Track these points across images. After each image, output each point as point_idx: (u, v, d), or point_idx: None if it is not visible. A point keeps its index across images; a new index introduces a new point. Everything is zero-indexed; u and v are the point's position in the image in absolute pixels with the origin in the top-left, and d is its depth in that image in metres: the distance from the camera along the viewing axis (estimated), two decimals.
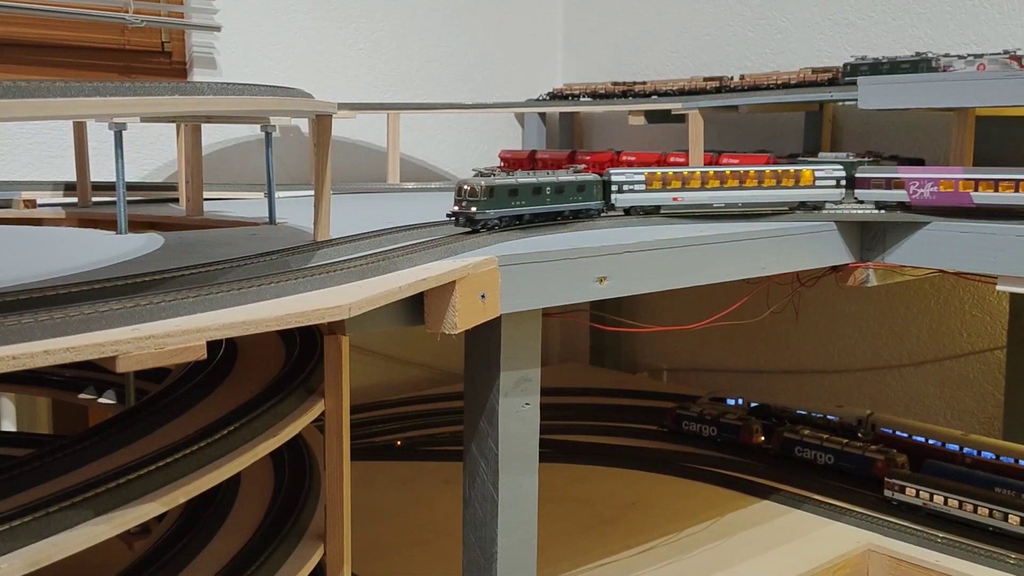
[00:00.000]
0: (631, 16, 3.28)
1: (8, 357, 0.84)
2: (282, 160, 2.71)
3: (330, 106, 1.61)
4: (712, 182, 1.89)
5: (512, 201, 1.63)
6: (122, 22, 2.49)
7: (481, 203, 1.58)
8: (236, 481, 1.56)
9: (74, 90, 0.89)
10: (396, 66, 3.08)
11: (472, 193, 1.58)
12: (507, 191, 1.62)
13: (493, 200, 1.59)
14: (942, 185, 1.86)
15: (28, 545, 0.94)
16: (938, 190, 1.86)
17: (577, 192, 1.77)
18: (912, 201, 1.89)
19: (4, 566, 0.89)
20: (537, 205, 1.69)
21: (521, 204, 1.65)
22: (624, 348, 3.44)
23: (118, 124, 1.61)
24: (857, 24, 2.71)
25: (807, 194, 1.94)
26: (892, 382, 2.76)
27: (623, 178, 1.87)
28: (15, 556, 0.92)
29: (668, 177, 1.88)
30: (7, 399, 2.41)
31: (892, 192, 1.91)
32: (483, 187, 1.59)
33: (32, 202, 2.13)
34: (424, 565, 1.92)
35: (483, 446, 1.52)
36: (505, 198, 1.62)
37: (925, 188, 1.87)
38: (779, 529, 2.09)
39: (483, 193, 1.58)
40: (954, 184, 1.85)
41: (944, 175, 1.88)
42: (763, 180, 1.91)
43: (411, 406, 2.88)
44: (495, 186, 1.61)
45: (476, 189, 1.58)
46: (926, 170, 1.94)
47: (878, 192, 1.94)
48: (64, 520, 0.97)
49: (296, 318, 1.07)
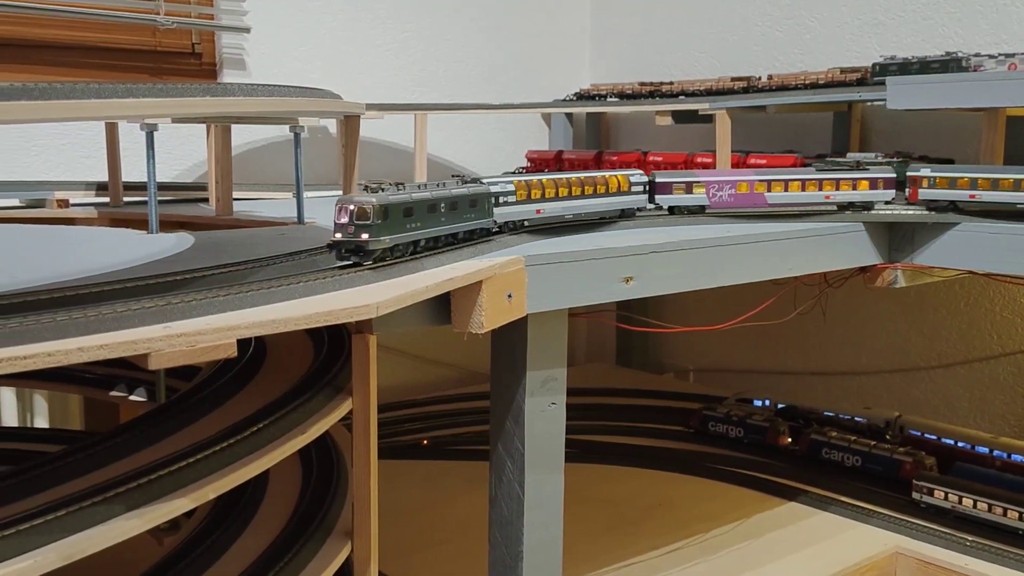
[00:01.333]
0: (659, 16, 3.28)
1: (43, 354, 0.85)
2: (310, 160, 2.72)
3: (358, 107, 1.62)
4: (563, 191, 1.69)
5: (408, 223, 1.33)
6: (153, 24, 2.51)
7: (374, 227, 1.26)
8: (265, 478, 1.57)
9: (108, 92, 0.90)
10: (423, 67, 3.10)
11: (361, 215, 1.26)
12: (403, 211, 1.31)
13: (388, 223, 1.28)
14: (739, 187, 1.86)
15: (61, 539, 0.95)
16: (735, 192, 1.85)
17: (470, 208, 1.49)
18: (712, 204, 1.86)
19: (39, 559, 0.91)
20: (432, 227, 1.40)
21: (416, 226, 1.35)
22: (650, 348, 3.44)
23: (150, 125, 1.63)
24: (886, 24, 2.69)
25: (624, 201, 1.80)
26: (921, 384, 2.74)
27: (499, 188, 1.59)
28: (49, 550, 0.93)
29: (533, 186, 1.65)
30: (40, 396, 2.44)
31: (693, 196, 1.86)
32: (376, 207, 1.25)
33: (65, 202, 2.16)
34: (450, 563, 1.93)
35: (509, 445, 1.53)
36: (400, 220, 1.31)
37: (723, 191, 1.85)
38: (806, 531, 2.09)
39: (376, 214, 1.26)
40: (749, 186, 1.85)
41: (739, 177, 1.88)
42: (597, 187, 1.75)
43: (437, 405, 2.89)
44: (390, 205, 1.28)
45: (367, 210, 1.25)
46: (722, 173, 1.93)
47: (679, 197, 1.87)
48: (96, 515, 0.99)
49: (324, 317, 1.08)
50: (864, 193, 1.92)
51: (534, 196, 1.63)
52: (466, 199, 1.48)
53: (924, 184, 1.93)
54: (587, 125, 3.35)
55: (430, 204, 1.38)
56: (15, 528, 0.93)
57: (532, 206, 1.63)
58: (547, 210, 1.66)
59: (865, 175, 1.92)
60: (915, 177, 1.95)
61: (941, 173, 1.92)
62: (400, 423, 2.72)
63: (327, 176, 2.76)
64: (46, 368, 0.87)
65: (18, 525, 0.93)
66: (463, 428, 2.71)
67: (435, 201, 1.39)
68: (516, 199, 1.60)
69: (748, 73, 2.73)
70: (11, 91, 0.94)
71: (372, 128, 2.85)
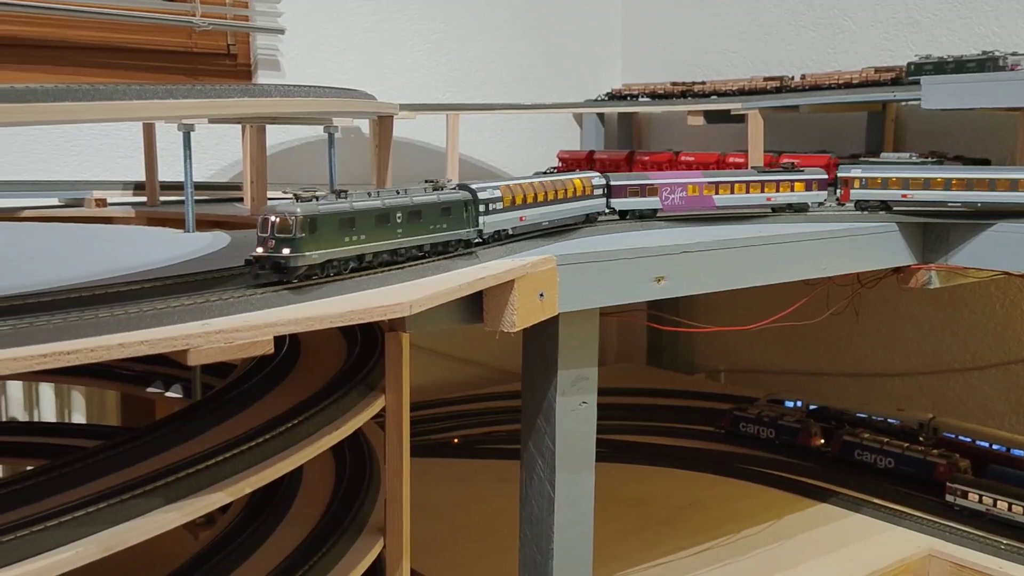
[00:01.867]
0: (691, 16, 3.27)
1: (86, 350, 0.87)
2: (343, 160, 2.75)
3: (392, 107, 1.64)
4: (540, 196, 1.59)
5: (347, 236, 1.19)
6: (189, 25, 2.55)
7: (297, 242, 1.13)
8: (298, 474, 1.59)
9: (149, 93, 0.92)
10: (456, 67, 3.11)
11: (282, 227, 1.13)
12: (337, 222, 1.18)
13: (316, 236, 1.14)
14: (689, 190, 1.83)
15: (102, 531, 0.97)
16: (686, 195, 1.82)
17: (441, 217, 1.35)
18: (664, 207, 1.81)
19: (80, 550, 0.92)
20: (384, 240, 1.25)
21: (359, 239, 1.21)
22: (681, 349, 3.43)
23: (187, 125, 1.65)
24: (922, 23, 2.67)
25: (586, 205, 1.71)
26: (955, 386, 2.72)
27: (487, 195, 1.46)
28: (90, 541, 0.96)
29: (516, 191, 1.53)
30: (78, 392, 2.48)
31: (647, 200, 1.81)
32: (300, 218, 1.12)
33: (103, 201, 2.19)
34: (481, 561, 1.94)
35: (540, 444, 1.53)
36: (335, 232, 1.18)
37: (675, 194, 1.81)
38: (838, 532, 2.07)
39: (300, 227, 1.13)
40: (699, 188, 1.82)
41: (690, 180, 1.84)
42: (567, 191, 1.66)
43: (468, 404, 2.90)
44: (319, 216, 1.15)
45: (288, 222, 1.12)
46: (674, 175, 1.88)
47: (635, 200, 1.81)
48: (137, 507, 1.01)
49: (359, 315, 1.09)
50: (800, 195, 1.90)
51: (517, 202, 1.53)
52: (434, 207, 1.33)
53: (856, 185, 1.94)
54: (619, 125, 3.35)
55: (380, 214, 1.24)
56: (57, 520, 0.95)
57: (516, 213, 1.53)
58: (528, 217, 1.56)
59: (799, 177, 1.90)
60: (846, 178, 1.96)
61: (872, 173, 1.93)
62: (431, 422, 2.74)
63: (360, 175, 2.79)
64: (86, 364, 0.89)
65: (60, 517, 0.95)
66: (494, 427, 2.72)
67: (387, 211, 1.25)
68: (503, 206, 1.49)
69: (781, 73, 2.72)
70: (56, 92, 0.96)
71: (404, 128, 2.87)
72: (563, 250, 1.48)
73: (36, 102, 0.96)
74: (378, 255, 1.25)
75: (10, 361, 0.83)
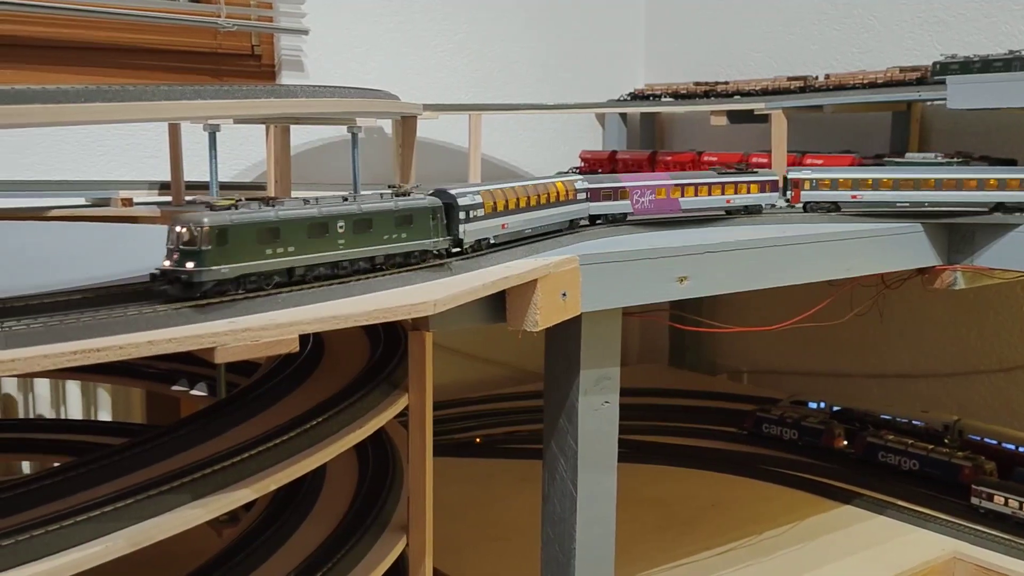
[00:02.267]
0: (714, 15, 3.26)
1: (115, 347, 0.88)
2: (366, 160, 2.76)
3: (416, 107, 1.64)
4: (522, 201, 1.49)
5: (268, 248, 1.07)
6: (214, 26, 2.57)
7: (204, 255, 1.01)
8: (322, 473, 1.60)
9: (177, 93, 0.93)
10: (478, 67, 3.12)
11: (187, 239, 1.02)
12: (255, 233, 1.06)
13: (227, 249, 1.03)
14: (657, 192, 1.79)
15: (130, 526, 0.98)
16: (655, 198, 1.78)
17: (399, 226, 1.23)
18: (635, 211, 1.77)
19: (109, 544, 0.94)
20: (319, 252, 1.13)
21: (285, 252, 1.09)
22: (704, 349, 3.42)
23: (212, 125, 1.66)
24: (948, 22, 2.65)
25: (571, 211, 1.63)
26: (981, 388, 2.70)
27: (467, 201, 1.35)
28: (118, 536, 0.97)
29: (497, 196, 1.43)
30: (103, 390, 2.50)
31: (619, 203, 1.75)
32: (206, 230, 1.01)
33: (129, 201, 2.21)
34: (502, 561, 1.94)
35: (563, 443, 1.53)
36: (251, 244, 1.06)
37: (645, 197, 1.77)
38: (861, 535, 2.06)
39: (206, 239, 1.01)
40: (666, 191, 1.79)
41: (658, 182, 1.80)
42: (550, 196, 1.58)
43: (490, 404, 2.91)
44: (232, 226, 1.04)
45: (193, 233, 1.02)
46: (644, 178, 1.83)
47: (608, 204, 1.76)
48: (164, 503, 1.02)
49: (384, 313, 1.10)
50: (755, 196, 1.88)
51: (499, 208, 1.43)
52: (388, 216, 1.21)
53: (806, 186, 1.94)
54: (641, 125, 3.35)
55: (316, 223, 1.13)
56: (86, 515, 0.96)
57: (498, 220, 1.42)
58: (511, 224, 1.46)
59: (753, 179, 1.88)
60: (796, 180, 1.95)
61: (822, 175, 1.93)
62: (453, 421, 2.74)
63: (383, 175, 2.80)
64: (113, 362, 0.90)
65: (89, 512, 0.96)
66: (516, 426, 2.72)
67: (325, 219, 1.14)
68: (484, 212, 1.39)
69: (805, 72, 2.70)
70: (86, 93, 0.97)
71: (427, 128, 2.87)
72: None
73: (67, 103, 0.97)
74: (313, 268, 1.13)
75: (41, 358, 0.84)
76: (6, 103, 0.94)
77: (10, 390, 2.40)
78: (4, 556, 0.89)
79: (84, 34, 2.45)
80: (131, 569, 1.15)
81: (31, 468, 2.36)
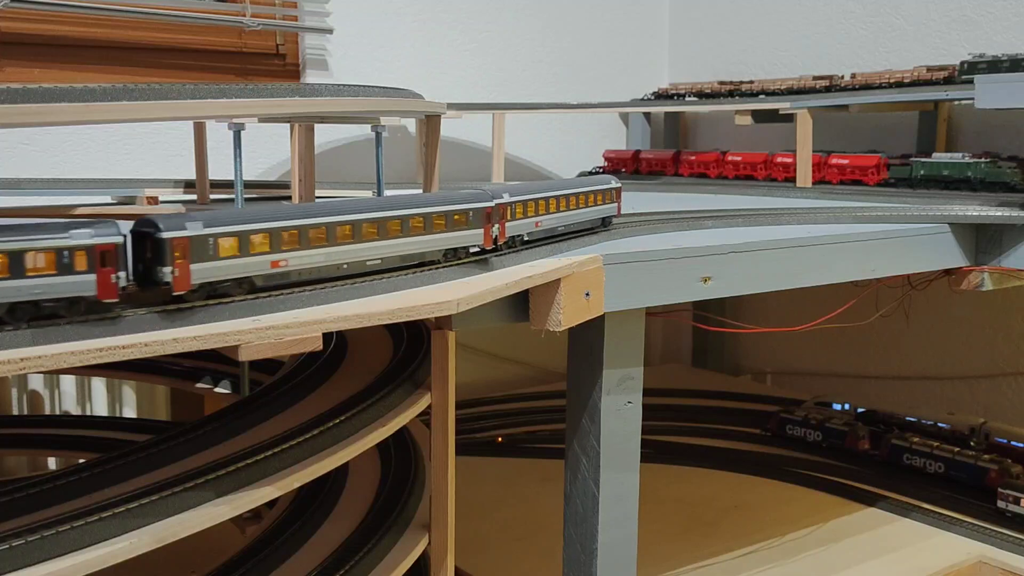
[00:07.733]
0: (738, 14, 3.25)
1: (141, 344, 0.89)
2: (389, 159, 2.77)
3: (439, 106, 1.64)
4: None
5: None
6: (239, 26, 2.58)
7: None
8: (344, 471, 1.60)
9: (203, 92, 0.93)
10: (502, 67, 3.11)
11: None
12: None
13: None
14: None
15: (156, 522, 0.99)
16: None
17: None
18: None
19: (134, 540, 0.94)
20: None
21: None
22: (727, 350, 3.40)
23: (237, 124, 1.67)
24: (976, 20, 2.62)
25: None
26: (1007, 390, 2.67)
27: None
28: (144, 532, 0.97)
29: None
30: (128, 387, 2.52)
31: None
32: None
33: (154, 199, 2.23)
34: (524, 560, 1.94)
35: (585, 443, 1.53)
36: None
37: None
38: (886, 537, 2.05)
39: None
40: None
41: None
42: None
43: (512, 403, 2.90)
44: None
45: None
46: None
47: None
48: (188, 500, 1.03)
49: (407, 312, 1.10)
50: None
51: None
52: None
53: None
54: (665, 125, 3.34)
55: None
56: (112, 511, 0.97)
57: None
58: None
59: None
60: None
61: None
62: (475, 420, 2.75)
63: (406, 174, 2.80)
64: (138, 359, 0.91)
65: (115, 508, 0.97)
66: (538, 426, 2.72)
67: None
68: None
69: (830, 72, 2.69)
70: (114, 92, 0.98)
71: (450, 127, 2.88)
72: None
73: (94, 101, 0.98)
74: None
75: (68, 355, 0.85)
76: (36, 101, 0.95)
77: (36, 387, 2.42)
78: (31, 552, 0.90)
79: (111, 33, 2.47)
80: (156, 565, 1.16)
81: (57, 464, 2.38)
